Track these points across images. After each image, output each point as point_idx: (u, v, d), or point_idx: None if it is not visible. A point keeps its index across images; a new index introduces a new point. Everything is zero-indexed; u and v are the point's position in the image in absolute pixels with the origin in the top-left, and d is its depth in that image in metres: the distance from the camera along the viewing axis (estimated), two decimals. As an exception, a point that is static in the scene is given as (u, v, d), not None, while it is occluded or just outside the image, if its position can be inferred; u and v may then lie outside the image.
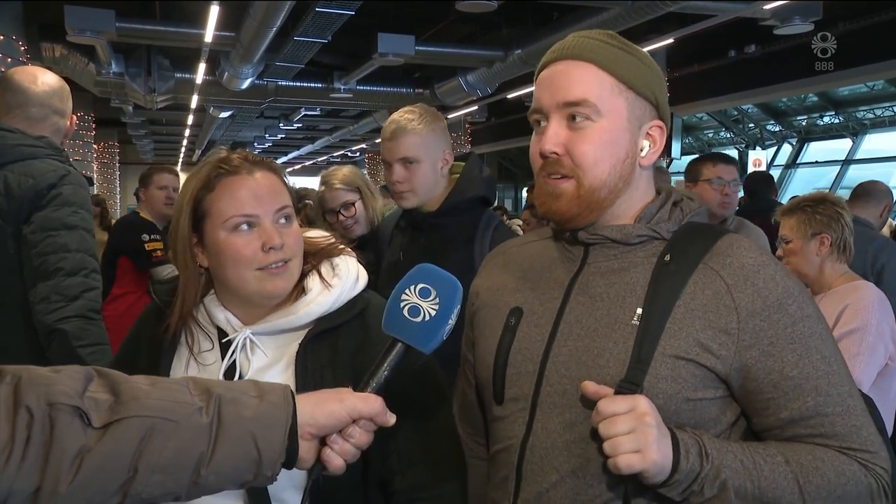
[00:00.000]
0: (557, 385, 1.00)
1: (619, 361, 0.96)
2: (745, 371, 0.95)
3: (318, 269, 1.19)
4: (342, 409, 0.88)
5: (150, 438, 0.79)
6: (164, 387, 0.84)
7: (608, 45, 1.03)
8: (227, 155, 1.17)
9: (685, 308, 0.96)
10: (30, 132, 2.00)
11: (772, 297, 0.95)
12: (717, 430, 0.98)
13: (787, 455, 0.94)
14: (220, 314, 1.18)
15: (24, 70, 2.16)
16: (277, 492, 1.09)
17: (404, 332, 0.94)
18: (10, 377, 0.78)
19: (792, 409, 0.95)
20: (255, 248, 1.12)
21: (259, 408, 0.85)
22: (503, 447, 1.07)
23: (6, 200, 1.90)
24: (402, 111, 2.01)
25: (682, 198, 1.10)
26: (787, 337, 0.95)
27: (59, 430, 0.76)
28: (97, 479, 0.77)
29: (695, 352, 0.94)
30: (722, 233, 1.04)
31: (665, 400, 0.93)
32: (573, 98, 1.00)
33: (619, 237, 1.03)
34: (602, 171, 1.00)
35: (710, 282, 0.97)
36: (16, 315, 1.93)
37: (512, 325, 1.07)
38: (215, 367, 1.16)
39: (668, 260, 0.99)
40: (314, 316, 1.15)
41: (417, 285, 0.96)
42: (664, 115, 1.07)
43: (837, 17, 8.02)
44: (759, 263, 0.98)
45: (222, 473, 0.82)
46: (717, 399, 0.97)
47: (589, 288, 1.03)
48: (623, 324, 0.98)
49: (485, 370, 1.11)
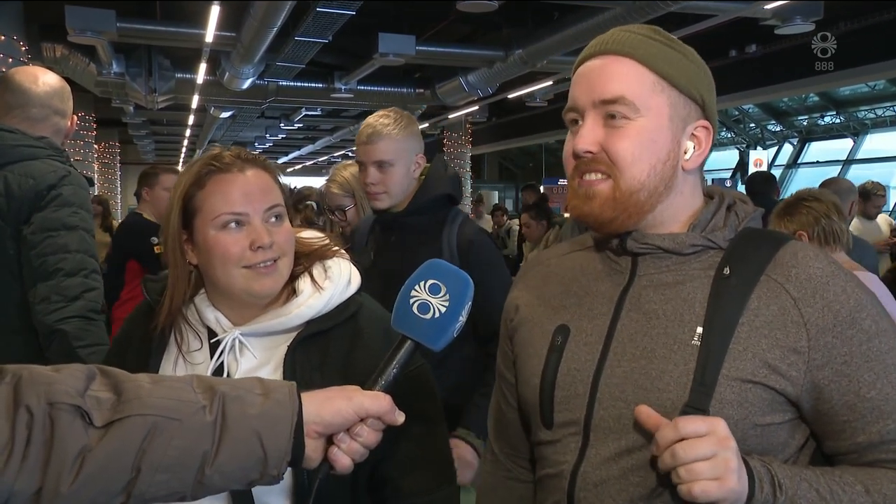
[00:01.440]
0: (612, 409, 0.93)
1: (679, 385, 0.89)
2: (818, 392, 0.88)
3: (310, 270, 1.18)
4: (349, 408, 0.86)
5: (152, 437, 0.78)
6: (168, 385, 0.83)
7: (650, 40, 0.96)
8: (219, 152, 1.16)
9: (749, 326, 0.89)
10: (30, 132, 2.00)
11: (843, 311, 0.88)
12: (785, 455, 0.92)
13: (867, 484, 0.86)
14: (210, 314, 1.17)
15: (25, 70, 2.15)
16: (262, 495, 1.07)
17: (414, 330, 0.91)
18: (10, 376, 0.77)
19: (871, 433, 0.88)
20: (244, 246, 1.10)
21: (264, 405, 0.83)
22: (553, 472, 1.00)
23: (6, 201, 1.89)
24: (377, 114, 2.07)
25: (735, 201, 1.02)
26: (863, 354, 0.88)
27: (60, 429, 0.75)
28: (100, 479, 0.76)
29: (762, 374, 0.88)
30: (784, 240, 0.96)
31: (732, 426, 0.84)
32: (610, 95, 0.93)
33: (671, 246, 0.95)
34: (640, 171, 0.93)
35: (774, 296, 0.90)
36: (15, 316, 1.93)
37: (559, 344, 1.00)
38: (203, 367, 1.15)
39: (728, 273, 0.92)
40: (304, 318, 1.14)
41: (427, 281, 0.93)
42: (711, 116, 0.99)
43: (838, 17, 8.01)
44: (827, 274, 0.90)
45: (227, 472, 0.81)
46: (787, 423, 0.91)
47: (642, 304, 0.96)
48: (682, 344, 0.91)
49: (530, 392, 1.03)
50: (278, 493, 1.08)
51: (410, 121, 2.08)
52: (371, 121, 2.05)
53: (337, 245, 1.25)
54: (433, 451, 1.19)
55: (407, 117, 2.07)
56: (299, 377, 1.10)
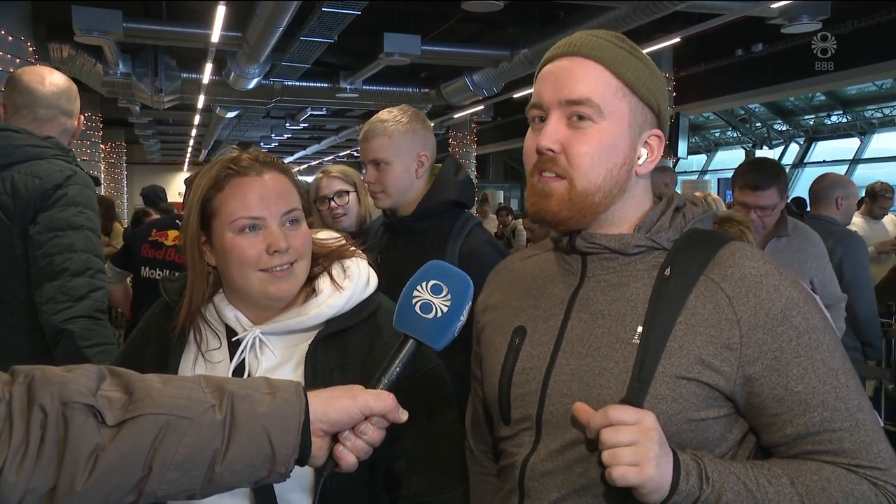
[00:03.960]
0: (559, 405, 0.98)
1: (619, 381, 0.93)
2: (750, 386, 0.92)
3: (329, 270, 1.19)
4: (354, 406, 0.87)
5: (164, 436, 0.79)
6: (177, 384, 0.84)
7: (616, 47, 1.00)
8: (238, 155, 1.17)
9: (686, 324, 0.93)
10: (37, 133, 2.00)
11: (775, 308, 0.92)
12: (722, 450, 0.95)
13: (792, 476, 0.90)
14: (230, 313, 1.18)
15: (32, 70, 2.16)
16: (284, 493, 1.08)
17: (416, 329, 0.93)
18: (23, 377, 0.78)
19: (798, 425, 0.91)
20: (260, 250, 1.11)
21: (272, 404, 0.84)
22: (508, 463, 1.05)
23: (13, 201, 1.90)
24: (382, 112, 2.03)
25: (684, 203, 1.06)
26: (792, 350, 0.91)
27: (74, 428, 0.76)
28: (112, 477, 0.77)
29: (696, 370, 0.91)
30: (724, 241, 0.99)
31: (666, 420, 0.90)
32: (576, 96, 0.96)
33: (616, 247, 1.00)
34: (597, 174, 0.97)
35: (711, 295, 0.94)
36: (23, 315, 1.93)
37: (516, 344, 1.05)
38: (223, 366, 1.16)
39: (669, 274, 0.96)
40: (324, 317, 1.15)
41: (429, 282, 0.95)
42: (664, 126, 1.03)
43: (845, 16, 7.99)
44: (761, 273, 0.94)
45: (237, 470, 0.82)
46: (722, 418, 0.94)
47: (590, 304, 1.01)
48: (624, 342, 0.95)
49: (491, 390, 1.08)
50: (300, 489, 1.09)
51: (414, 118, 2.02)
52: (373, 118, 2.02)
53: (354, 245, 1.26)
54: (446, 450, 1.20)
55: (411, 114, 2.02)
56: (320, 375, 1.11)
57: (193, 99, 11.47)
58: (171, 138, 20.32)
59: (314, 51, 8.36)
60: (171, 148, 22.63)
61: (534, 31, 8.58)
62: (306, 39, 7.78)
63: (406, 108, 2.05)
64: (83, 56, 8.81)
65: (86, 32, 7.19)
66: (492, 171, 22.88)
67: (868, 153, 14.40)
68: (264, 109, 13.47)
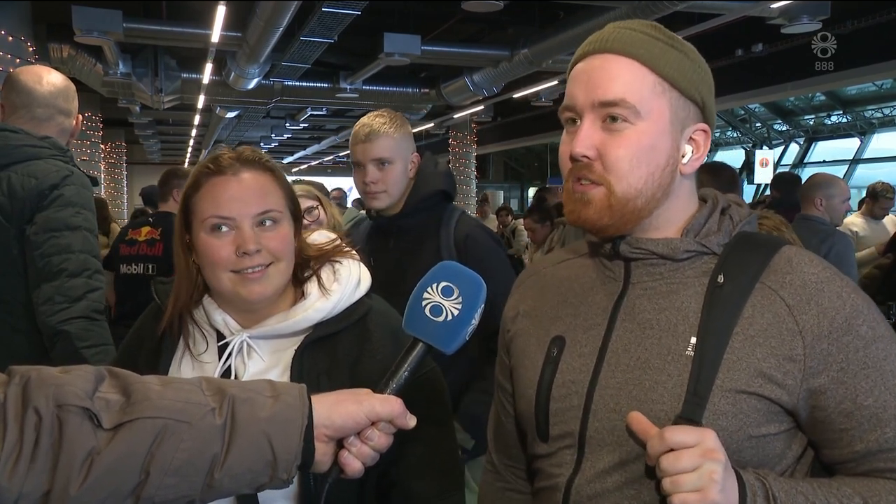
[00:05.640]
0: (606, 421, 0.91)
1: (673, 396, 0.87)
2: (814, 400, 0.86)
3: (319, 273, 1.17)
4: (360, 411, 0.84)
5: (162, 440, 0.77)
6: (177, 387, 0.82)
7: (652, 39, 0.93)
8: (219, 154, 1.15)
9: (744, 335, 0.87)
10: (35, 132, 2.00)
11: (839, 317, 0.86)
12: (782, 467, 0.90)
13: (865, 496, 0.85)
14: (218, 316, 1.16)
15: (30, 70, 2.15)
16: (267, 501, 1.07)
17: (426, 332, 0.89)
18: (19, 377, 0.77)
19: (868, 441, 0.86)
20: (230, 251, 1.10)
21: (274, 408, 0.82)
22: (549, 485, 0.98)
23: (10, 201, 1.89)
24: (371, 115, 2.07)
25: (729, 204, 0.99)
26: (860, 361, 0.85)
27: (69, 431, 0.74)
28: (108, 482, 0.75)
29: (757, 383, 0.86)
30: (778, 245, 0.93)
31: (726, 438, 0.84)
32: (610, 97, 0.90)
33: (664, 252, 0.93)
34: (637, 178, 0.91)
35: (769, 304, 0.88)
36: (21, 316, 1.92)
37: (554, 356, 0.98)
38: (211, 369, 1.15)
39: (722, 282, 0.90)
40: (312, 321, 1.13)
41: (440, 283, 0.91)
42: (710, 118, 0.96)
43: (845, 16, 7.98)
44: (822, 279, 0.88)
45: (237, 476, 0.80)
46: (783, 433, 0.89)
47: (636, 314, 0.94)
48: (676, 354, 0.89)
49: (526, 404, 1.01)
50: (284, 497, 1.07)
51: (404, 121, 2.09)
52: (366, 120, 2.05)
53: (348, 246, 1.24)
54: (442, 456, 1.19)
55: (400, 117, 2.08)
56: (307, 381, 1.08)
57: (193, 99, 11.46)
58: (171, 138, 20.31)
59: (314, 51, 8.35)
60: (172, 148, 22.62)
61: (534, 31, 8.57)
62: (306, 39, 7.77)
63: (391, 111, 2.10)
64: (83, 56, 8.79)
65: (86, 32, 7.17)
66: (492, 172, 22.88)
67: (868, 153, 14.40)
68: (264, 109, 13.45)
